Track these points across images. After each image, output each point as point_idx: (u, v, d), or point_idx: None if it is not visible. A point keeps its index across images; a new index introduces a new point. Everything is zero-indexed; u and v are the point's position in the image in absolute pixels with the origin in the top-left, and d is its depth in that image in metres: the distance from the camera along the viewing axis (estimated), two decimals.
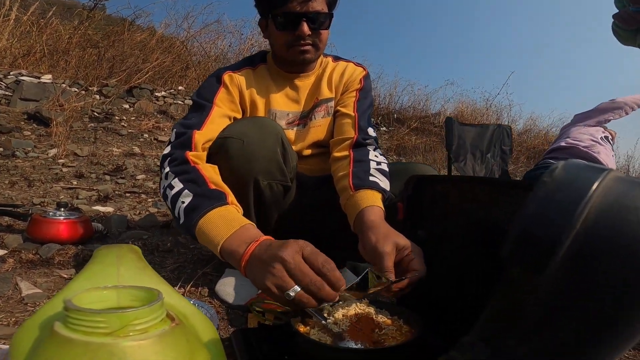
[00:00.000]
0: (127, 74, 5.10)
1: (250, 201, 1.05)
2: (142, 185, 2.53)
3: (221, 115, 1.10)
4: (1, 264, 1.25)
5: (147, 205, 2.17)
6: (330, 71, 1.29)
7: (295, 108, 1.26)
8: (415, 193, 0.86)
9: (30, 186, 2.27)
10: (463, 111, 7.59)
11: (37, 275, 1.20)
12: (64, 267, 1.28)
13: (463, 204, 0.76)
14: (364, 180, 1.03)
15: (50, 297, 1.06)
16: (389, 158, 5.46)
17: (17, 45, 5.24)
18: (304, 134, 1.26)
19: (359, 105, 1.24)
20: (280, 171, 1.08)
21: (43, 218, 1.47)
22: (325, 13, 1.14)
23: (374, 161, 1.11)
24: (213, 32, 6.56)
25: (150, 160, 3.13)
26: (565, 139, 1.96)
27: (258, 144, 1.01)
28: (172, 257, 1.46)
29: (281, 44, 1.16)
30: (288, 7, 1.09)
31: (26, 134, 3.57)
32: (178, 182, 0.90)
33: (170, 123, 4.49)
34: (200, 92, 1.15)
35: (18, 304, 1.01)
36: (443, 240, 0.84)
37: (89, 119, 4.18)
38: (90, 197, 2.17)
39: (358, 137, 1.17)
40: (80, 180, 2.48)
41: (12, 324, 0.89)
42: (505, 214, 0.66)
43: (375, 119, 7.07)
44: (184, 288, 1.20)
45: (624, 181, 0.39)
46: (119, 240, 1.62)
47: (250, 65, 1.24)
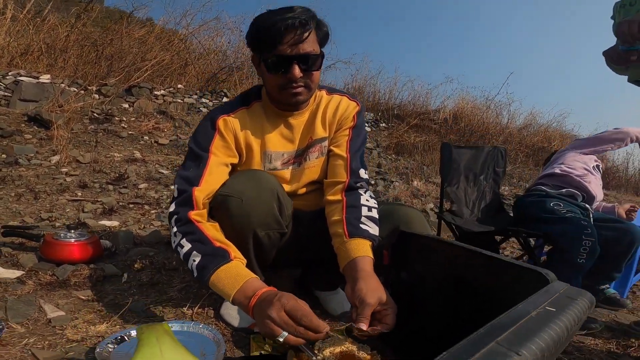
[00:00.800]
0: (127, 73, 5.13)
1: (250, 249, 1.15)
2: (145, 195, 2.63)
3: (218, 164, 1.15)
4: (22, 286, 1.36)
5: (150, 218, 2.28)
6: (324, 107, 1.30)
7: (289, 147, 1.28)
8: (400, 241, 0.98)
9: (37, 198, 2.36)
10: (463, 108, 7.57)
11: (57, 297, 1.31)
12: (80, 288, 1.40)
13: (441, 259, 0.88)
14: (357, 228, 1.10)
15: (74, 319, 1.17)
16: (387, 157, 5.58)
17: (14, 44, 5.22)
18: (299, 174, 1.30)
19: (351, 145, 1.28)
20: (277, 222, 1.15)
21: (55, 240, 1.58)
22: (316, 54, 1.14)
23: (365, 206, 1.16)
24: (212, 29, 6.58)
25: (151, 167, 3.22)
26: (559, 166, 2.00)
27: (255, 201, 1.09)
28: (179, 276, 1.58)
29: (273, 86, 1.17)
30: (279, 50, 1.09)
31: (27, 137, 3.64)
32: (186, 242, 1.02)
33: (169, 124, 4.56)
34: (197, 139, 1.17)
35: (46, 326, 1.12)
36: (423, 282, 0.97)
37: (89, 120, 4.24)
38: (96, 210, 2.27)
39: (350, 181, 1.21)
40: (84, 190, 2.58)
41: (47, 347, 1.00)
42: (474, 274, 0.79)
43: (375, 114, 7.12)
44: (192, 309, 1.32)
45: None
46: (126, 257, 1.73)
47: (244, 105, 1.25)
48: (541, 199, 1.80)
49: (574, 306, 0.49)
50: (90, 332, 1.09)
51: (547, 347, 0.38)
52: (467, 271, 0.82)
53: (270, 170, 1.26)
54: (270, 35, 1.08)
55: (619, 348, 1.39)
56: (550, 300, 0.49)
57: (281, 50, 1.09)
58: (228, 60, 6.39)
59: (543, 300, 0.50)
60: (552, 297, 0.51)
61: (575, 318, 0.47)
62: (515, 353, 0.36)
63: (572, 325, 0.45)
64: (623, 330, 1.54)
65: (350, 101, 1.34)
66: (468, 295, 0.83)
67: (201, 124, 1.22)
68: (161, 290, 1.46)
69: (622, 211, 1.95)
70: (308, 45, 1.11)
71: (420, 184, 4.06)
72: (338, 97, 1.33)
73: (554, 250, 1.66)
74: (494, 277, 0.76)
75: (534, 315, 0.45)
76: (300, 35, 1.09)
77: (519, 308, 0.47)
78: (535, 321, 0.43)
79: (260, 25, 1.10)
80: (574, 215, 1.61)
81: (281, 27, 1.06)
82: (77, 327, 1.11)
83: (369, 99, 7.56)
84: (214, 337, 1.11)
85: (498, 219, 1.98)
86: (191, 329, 1.14)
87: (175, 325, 1.14)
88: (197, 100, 5.33)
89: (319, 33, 1.15)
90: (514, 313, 0.45)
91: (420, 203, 3.42)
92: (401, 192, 3.62)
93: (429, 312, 0.96)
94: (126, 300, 1.34)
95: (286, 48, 1.09)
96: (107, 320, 1.18)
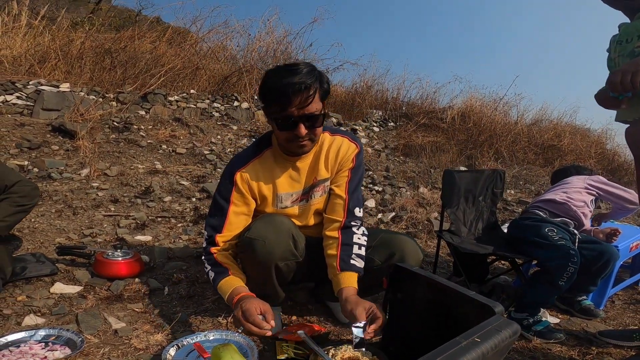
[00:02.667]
0: (142, 80, 5.36)
1: (273, 276, 1.43)
2: (170, 209, 2.91)
3: (236, 214, 1.45)
4: (85, 300, 1.64)
5: (178, 232, 2.56)
6: (327, 149, 1.50)
7: (297, 188, 1.51)
8: (395, 271, 1.25)
9: (75, 214, 2.64)
10: (472, 105, 7.47)
11: (116, 309, 1.60)
12: (133, 301, 1.68)
13: (424, 287, 1.15)
14: (347, 263, 1.41)
15: (135, 330, 1.45)
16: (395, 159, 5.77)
17: (31, 52, 5.43)
18: (307, 210, 1.54)
19: (350, 185, 1.52)
20: (293, 255, 1.43)
21: (106, 259, 1.86)
22: (319, 114, 1.32)
23: (357, 244, 1.45)
24: (221, 33, 6.78)
25: (172, 179, 3.49)
26: (561, 194, 2.11)
27: (275, 241, 1.36)
28: (211, 288, 1.85)
29: (281, 139, 1.39)
30: (287, 111, 1.27)
31: (54, 148, 3.92)
32: (207, 264, 1.46)
33: (185, 131, 4.82)
34: (220, 191, 1.47)
35: (114, 336, 1.40)
36: (414, 302, 1.23)
37: (110, 129, 4.51)
38: (130, 225, 2.55)
39: (346, 221, 1.48)
40: (116, 205, 2.86)
41: (121, 356, 1.28)
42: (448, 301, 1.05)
43: (384, 113, 7.25)
44: (226, 319, 1.59)
45: None
46: (163, 271, 2.01)
47: (256, 155, 1.48)
48: (536, 223, 1.92)
49: (495, 337, 0.75)
50: (151, 341, 1.37)
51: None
52: (442, 298, 1.10)
53: (281, 209, 1.52)
54: (279, 100, 1.28)
55: (579, 355, 1.57)
56: (481, 333, 0.75)
57: (289, 112, 1.27)
58: (237, 64, 6.60)
59: (475, 332, 0.76)
60: (483, 330, 0.77)
61: (494, 345, 0.73)
62: None
63: (489, 351, 0.71)
64: (588, 339, 1.71)
65: (351, 143, 1.55)
66: (444, 315, 1.11)
67: (223, 177, 1.50)
68: (198, 302, 1.74)
69: (601, 235, 2.06)
70: (312, 106, 1.29)
71: (426, 191, 4.29)
72: (340, 140, 1.52)
73: (539, 271, 1.83)
74: (457, 305, 1.05)
75: (463, 345, 0.71)
76: (306, 99, 1.26)
77: (456, 339, 0.73)
78: (461, 350, 0.70)
79: (271, 87, 1.29)
80: (564, 243, 1.74)
81: (289, 91, 1.24)
82: (139, 337, 1.39)
83: (377, 97, 7.69)
84: (248, 343, 1.38)
85: (493, 237, 2.15)
86: (229, 337, 1.41)
87: (216, 334, 1.41)
88: (209, 105, 5.57)
89: (321, 91, 1.34)
90: (451, 343, 0.72)
91: (425, 212, 3.65)
92: (407, 201, 3.85)
93: (419, 325, 1.23)
94: (171, 311, 1.62)
95: (294, 110, 1.27)
96: (161, 330, 1.46)
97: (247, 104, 5.77)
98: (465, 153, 6.36)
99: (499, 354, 0.76)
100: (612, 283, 2.10)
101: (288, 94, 1.24)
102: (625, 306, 2.17)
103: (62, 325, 1.45)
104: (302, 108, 1.27)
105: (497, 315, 0.86)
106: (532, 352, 1.57)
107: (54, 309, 1.57)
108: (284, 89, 1.24)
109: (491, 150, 6.37)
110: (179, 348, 1.30)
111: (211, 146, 4.48)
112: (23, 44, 5.42)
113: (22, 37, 5.58)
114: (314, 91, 1.28)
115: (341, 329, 1.62)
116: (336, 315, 1.69)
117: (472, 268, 2.05)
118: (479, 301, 0.94)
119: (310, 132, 1.34)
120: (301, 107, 1.27)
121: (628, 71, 1.12)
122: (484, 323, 0.80)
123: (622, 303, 2.21)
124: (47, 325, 1.45)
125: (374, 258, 1.51)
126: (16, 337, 1.34)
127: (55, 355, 1.25)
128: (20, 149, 3.72)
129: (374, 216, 3.54)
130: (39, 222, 2.48)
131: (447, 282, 1.10)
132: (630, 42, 1.33)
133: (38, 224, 2.46)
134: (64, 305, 1.59)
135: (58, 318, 1.51)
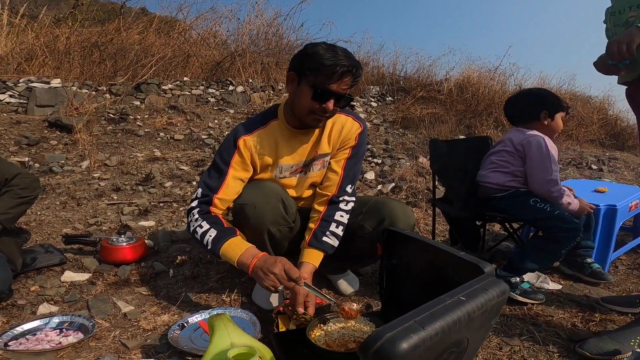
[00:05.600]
0: (133, 70, 5.34)
1: (267, 242, 1.47)
2: (172, 194, 2.95)
3: (234, 178, 1.46)
4: (94, 287, 1.70)
5: (180, 216, 2.61)
6: (331, 126, 1.55)
7: (298, 160, 1.54)
8: (389, 237, 1.28)
9: (79, 205, 2.69)
10: (469, 77, 7.40)
11: (124, 294, 1.65)
12: (139, 285, 1.74)
13: (422, 253, 1.18)
14: (318, 240, 1.47)
15: (143, 312, 1.50)
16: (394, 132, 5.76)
17: (17, 50, 5.38)
18: (303, 182, 1.59)
19: (348, 162, 1.56)
20: (284, 219, 1.46)
21: (111, 245, 1.91)
22: (349, 97, 1.41)
23: (336, 222, 1.50)
24: (209, 19, 6.68)
25: (172, 164, 3.53)
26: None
27: (266, 205, 1.41)
28: (214, 268, 1.90)
29: (305, 107, 1.40)
30: (329, 86, 1.34)
31: (53, 143, 3.94)
32: (206, 223, 1.40)
33: (182, 118, 4.82)
34: (222, 153, 1.48)
35: (123, 319, 1.46)
36: (409, 268, 1.27)
37: (106, 121, 4.52)
38: (133, 212, 2.60)
39: (334, 196, 1.53)
40: (118, 193, 2.90)
41: (131, 338, 1.34)
42: (439, 262, 1.09)
43: (381, 88, 7.19)
44: (230, 297, 1.65)
45: None
46: (167, 254, 2.06)
47: (262, 125, 1.52)
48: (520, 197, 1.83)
49: (482, 296, 0.76)
50: (158, 322, 1.43)
51: (446, 325, 0.68)
52: (434, 260, 1.12)
53: (279, 179, 1.56)
54: (330, 74, 1.33)
55: (582, 322, 1.55)
56: (467, 292, 0.77)
57: (331, 87, 1.35)
58: (229, 49, 6.53)
59: (460, 291, 0.78)
60: (469, 289, 0.79)
61: (480, 305, 0.75)
62: (422, 328, 0.65)
63: (474, 310, 0.73)
64: (591, 306, 1.68)
65: (355, 122, 1.59)
66: (438, 278, 1.14)
67: (226, 140, 1.52)
68: (202, 281, 1.79)
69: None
70: (349, 89, 1.39)
71: (425, 161, 4.30)
72: (344, 118, 1.58)
73: (541, 237, 1.76)
74: (449, 266, 1.07)
75: (448, 303, 0.73)
76: (350, 82, 1.37)
77: (441, 297, 0.76)
78: (446, 307, 0.72)
79: (325, 60, 1.32)
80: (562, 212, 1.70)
81: (342, 70, 1.33)
82: (147, 319, 1.45)
83: (374, 73, 7.61)
84: (250, 318, 1.44)
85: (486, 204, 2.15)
86: (232, 313, 1.46)
87: (221, 311, 1.47)
88: (204, 91, 5.54)
89: (357, 81, 1.41)
90: (436, 301, 0.74)
91: (425, 181, 3.68)
92: (406, 171, 3.87)
93: (416, 292, 1.27)
94: (177, 292, 1.68)
95: (335, 86, 1.35)
96: (167, 311, 1.51)
97: (243, 88, 5.74)
98: (464, 122, 6.33)
99: (487, 314, 0.78)
100: (612, 246, 2.07)
101: (339, 72, 1.33)
102: (628, 271, 2.13)
103: (74, 311, 1.51)
104: (342, 87, 1.36)
105: (485, 275, 0.88)
106: (533, 318, 1.56)
107: (66, 296, 1.62)
108: (338, 67, 1.32)
109: (490, 119, 6.34)
110: (184, 327, 1.36)
111: (209, 130, 4.49)
112: (7, 42, 5.36)
113: (5, 36, 5.51)
114: (355, 77, 1.38)
115: (342, 300, 1.68)
116: (337, 288, 1.74)
117: (467, 235, 2.09)
118: (469, 261, 0.96)
119: (334, 110, 1.42)
120: (341, 87, 1.36)
121: (623, 41, 1.22)
122: (471, 282, 0.82)
123: (626, 268, 2.17)
124: (60, 312, 1.51)
125: (364, 225, 1.55)
126: (32, 326, 1.39)
127: (70, 340, 1.31)
128: (20, 146, 3.75)
129: (374, 188, 3.58)
130: (45, 214, 2.53)
131: (438, 243, 1.11)
132: (623, 12, 1.40)
133: (44, 216, 2.51)
134: (75, 293, 1.65)
135: (70, 305, 1.57)
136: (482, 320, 0.79)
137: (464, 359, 0.83)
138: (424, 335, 0.65)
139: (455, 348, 0.75)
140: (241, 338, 1.06)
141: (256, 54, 6.42)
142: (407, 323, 0.67)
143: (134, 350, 1.27)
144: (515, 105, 1.97)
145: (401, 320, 0.68)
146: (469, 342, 0.78)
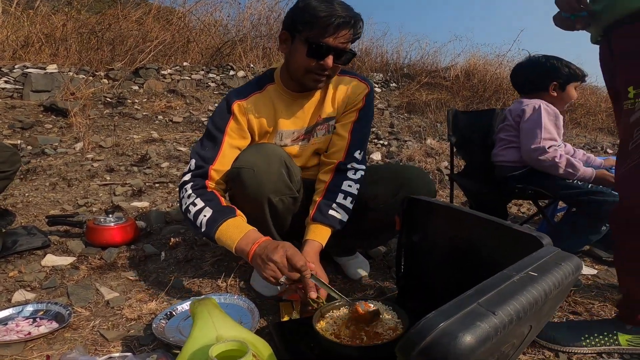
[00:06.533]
0: (131, 55, 5.16)
1: (267, 215, 1.26)
2: (168, 174, 2.77)
3: (231, 147, 1.28)
4: (77, 272, 1.53)
5: (176, 196, 2.42)
6: (335, 88, 1.39)
7: (300, 125, 1.38)
8: (409, 207, 1.08)
9: (70, 186, 2.52)
10: (475, 64, 7.24)
11: (109, 279, 1.48)
12: (127, 269, 1.56)
13: (447, 222, 0.98)
14: (323, 214, 1.28)
15: (128, 299, 1.33)
16: (399, 116, 5.55)
17: (13, 37, 5.22)
18: (307, 149, 1.41)
19: (355, 126, 1.38)
20: (288, 187, 1.26)
21: (97, 225, 1.74)
22: (350, 52, 1.25)
23: (343, 192, 1.30)
24: (209, 4, 6.47)
25: (169, 145, 3.35)
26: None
27: (266, 169, 1.20)
28: (209, 251, 1.72)
29: (301, 67, 1.24)
30: (325, 40, 1.19)
31: (48, 127, 3.78)
32: (200, 200, 1.20)
33: (181, 101, 4.64)
34: (215, 121, 1.31)
35: (106, 307, 1.29)
36: (434, 245, 1.07)
37: (103, 105, 4.35)
38: (126, 192, 2.43)
39: (341, 163, 1.34)
40: (112, 174, 2.73)
41: (111, 328, 1.16)
42: (477, 236, 0.88)
43: (385, 75, 7.00)
44: (226, 282, 1.47)
45: None
46: (161, 236, 1.89)
47: (257, 90, 1.35)
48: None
49: (556, 271, 0.56)
50: (143, 310, 1.25)
51: (522, 308, 0.47)
52: (471, 234, 0.91)
53: (280, 147, 1.36)
54: (323, 26, 1.17)
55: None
56: (536, 266, 0.58)
57: (327, 41, 1.19)
58: (230, 34, 6.32)
59: (527, 265, 0.58)
60: (537, 263, 0.59)
61: (556, 282, 0.55)
62: (492, 313, 0.45)
63: (551, 289, 0.53)
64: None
65: (361, 83, 1.42)
66: (473, 257, 0.93)
67: (219, 107, 1.34)
68: (196, 265, 1.61)
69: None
70: (348, 43, 1.24)
71: (434, 142, 4.09)
72: (349, 79, 1.42)
73: (575, 214, 1.62)
74: (494, 240, 0.85)
75: (516, 280, 0.53)
76: (348, 34, 1.20)
77: (504, 273, 0.55)
78: (515, 285, 0.52)
79: (318, 12, 1.17)
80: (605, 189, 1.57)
81: (336, 22, 1.17)
82: (132, 307, 1.27)
83: (377, 60, 7.39)
84: (248, 306, 1.25)
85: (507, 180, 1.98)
86: (228, 300, 1.28)
87: (213, 298, 1.28)
88: (204, 75, 5.36)
89: (356, 33, 1.25)
90: (499, 277, 0.54)
91: (435, 162, 3.47)
92: (415, 152, 3.67)
93: (441, 276, 1.07)
94: (167, 277, 1.50)
95: (331, 40, 1.19)
96: (155, 298, 1.33)
97: (244, 72, 5.56)
98: (471, 107, 6.15)
99: (561, 294, 0.58)
100: None
101: (335, 23, 1.18)
102: None
103: (52, 299, 1.34)
104: (339, 41, 1.21)
105: (546, 248, 0.68)
106: (572, 306, 1.39)
107: (45, 282, 1.46)
108: (334, 18, 1.17)
109: (498, 104, 6.13)
110: (172, 316, 1.18)
111: (208, 113, 4.31)
112: (3, 30, 5.19)
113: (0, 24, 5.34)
114: (354, 30, 1.24)
115: (352, 286, 1.49)
116: (346, 272, 1.56)
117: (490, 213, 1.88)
118: (522, 232, 0.75)
119: (334, 67, 1.26)
120: (339, 41, 1.21)
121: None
122: (534, 254, 0.62)
123: None
124: (37, 300, 1.34)
125: (377, 194, 1.34)
126: (4, 315, 1.23)
127: (41, 330, 1.14)
128: (13, 130, 3.60)
129: None
130: (33, 195, 2.37)
131: (472, 211, 0.90)
132: None
133: (32, 197, 2.35)
134: (55, 278, 1.48)
135: (49, 292, 1.40)
136: (554, 302, 0.59)
137: (515, 354, 0.63)
138: (495, 324, 0.44)
139: (515, 340, 0.55)
140: (230, 330, 0.85)
141: (258, 39, 6.21)
142: (469, 306, 0.46)
143: (114, 342, 1.09)
144: (523, 75, 1.84)
145: (457, 304, 0.47)
146: (530, 331, 0.58)
